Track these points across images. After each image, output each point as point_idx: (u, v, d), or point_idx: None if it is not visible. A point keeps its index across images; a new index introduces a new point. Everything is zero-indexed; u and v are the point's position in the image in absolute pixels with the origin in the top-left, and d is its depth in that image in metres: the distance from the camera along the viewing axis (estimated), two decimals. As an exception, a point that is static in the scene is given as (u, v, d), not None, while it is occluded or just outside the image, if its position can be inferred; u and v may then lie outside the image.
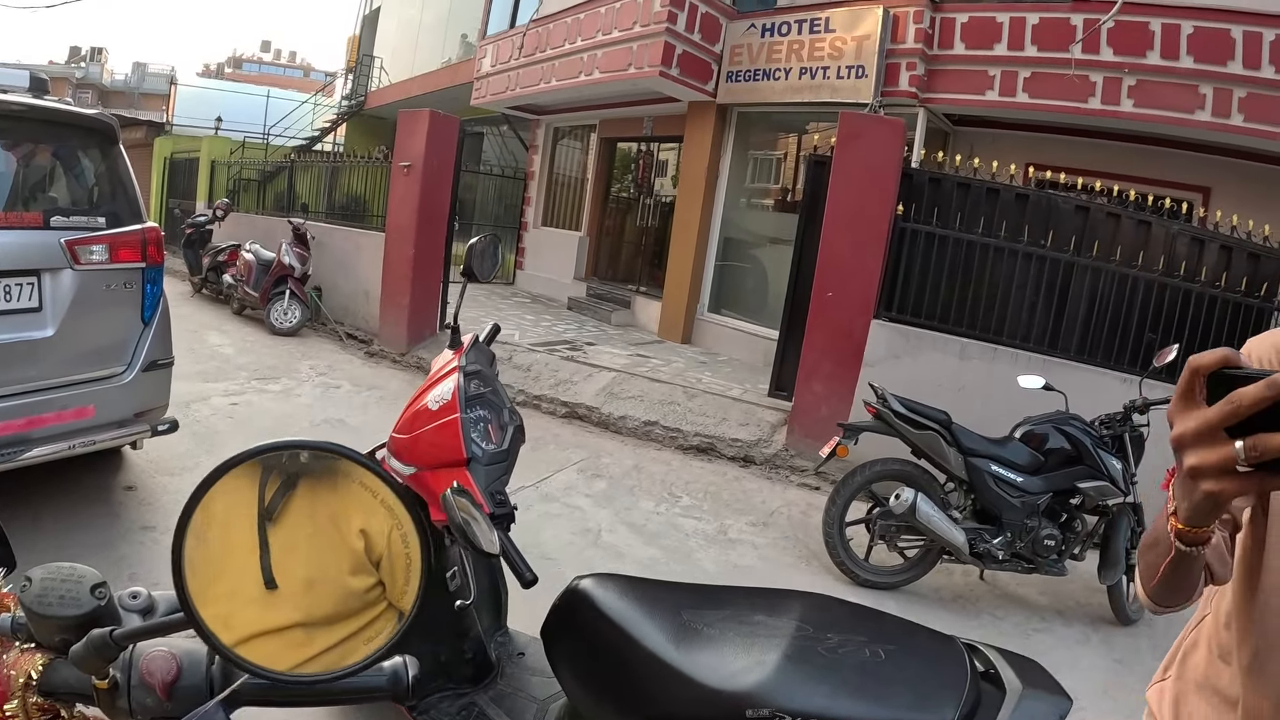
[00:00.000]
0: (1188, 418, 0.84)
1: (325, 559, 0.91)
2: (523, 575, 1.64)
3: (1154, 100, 7.88)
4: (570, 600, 1.64)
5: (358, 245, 10.48)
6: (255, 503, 0.90)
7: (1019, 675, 1.48)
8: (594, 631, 1.58)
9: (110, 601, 0.92)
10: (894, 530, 4.60)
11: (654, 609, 1.57)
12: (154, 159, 20.08)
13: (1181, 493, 0.93)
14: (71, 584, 0.89)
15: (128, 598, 0.98)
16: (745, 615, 1.57)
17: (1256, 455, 0.77)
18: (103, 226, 4.16)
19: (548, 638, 1.70)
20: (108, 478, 4.77)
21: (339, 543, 0.92)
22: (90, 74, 46.85)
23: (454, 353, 2.10)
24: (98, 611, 0.89)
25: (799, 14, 10.02)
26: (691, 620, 1.54)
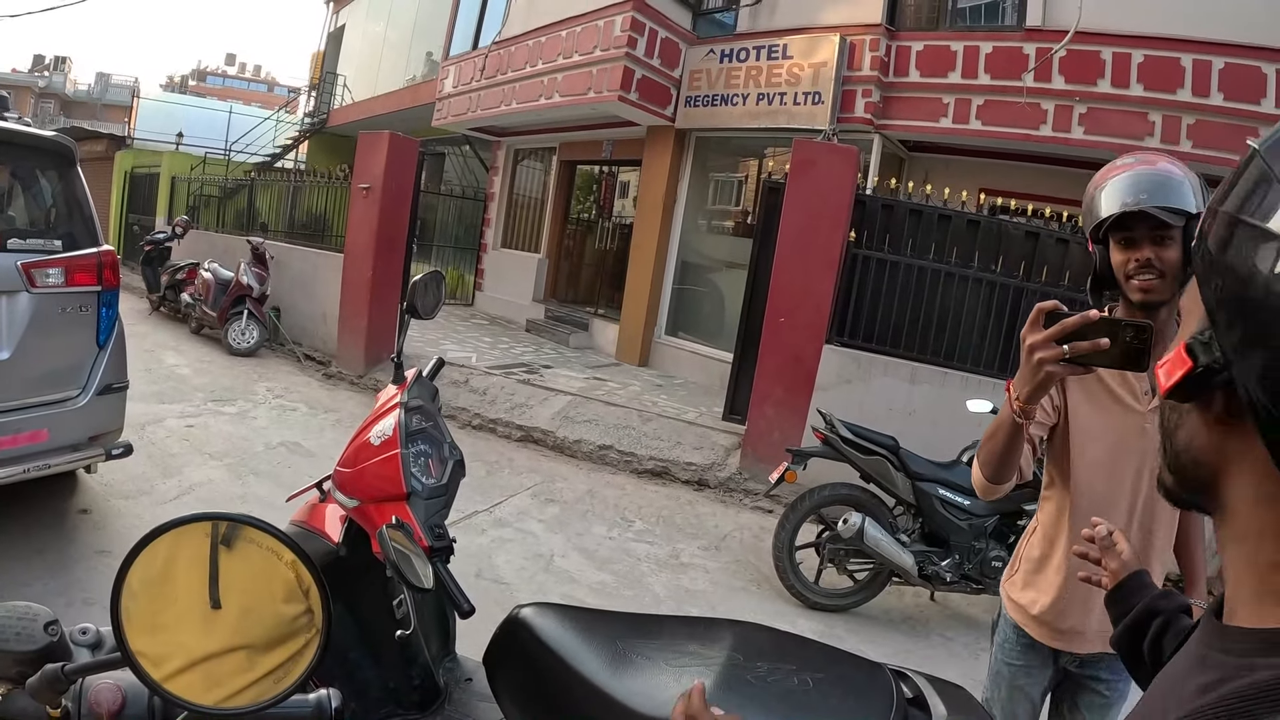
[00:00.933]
0: (1036, 335, 1.46)
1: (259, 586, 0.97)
2: (460, 606, 1.69)
3: (1104, 127, 8.06)
4: (511, 629, 1.68)
5: (316, 266, 10.44)
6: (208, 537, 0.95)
7: (945, 702, 1.52)
8: (533, 660, 1.62)
9: (62, 638, 0.98)
10: (843, 554, 4.68)
11: (591, 638, 1.62)
12: (114, 173, 19.82)
13: (1024, 381, 1.54)
14: (26, 621, 0.96)
15: (78, 633, 1.05)
16: (678, 644, 1.62)
17: (1072, 352, 1.40)
18: (59, 249, 4.17)
19: (490, 665, 1.74)
20: (62, 501, 4.74)
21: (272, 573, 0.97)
22: (54, 84, 46.34)
23: (397, 387, 2.15)
24: (50, 647, 0.95)
25: (758, 40, 10.15)
26: (626, 649, 1.58)
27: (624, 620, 1.78)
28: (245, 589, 0.96)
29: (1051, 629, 2.10)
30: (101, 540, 4.34)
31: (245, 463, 5.87)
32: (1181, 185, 1.82)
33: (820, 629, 4.46)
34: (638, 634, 1.67)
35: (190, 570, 0.95)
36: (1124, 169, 1.87)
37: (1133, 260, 1.86)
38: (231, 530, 0.96)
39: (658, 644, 1.62)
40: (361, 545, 1.93)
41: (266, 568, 0.97)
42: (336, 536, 2.03)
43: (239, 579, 0.96)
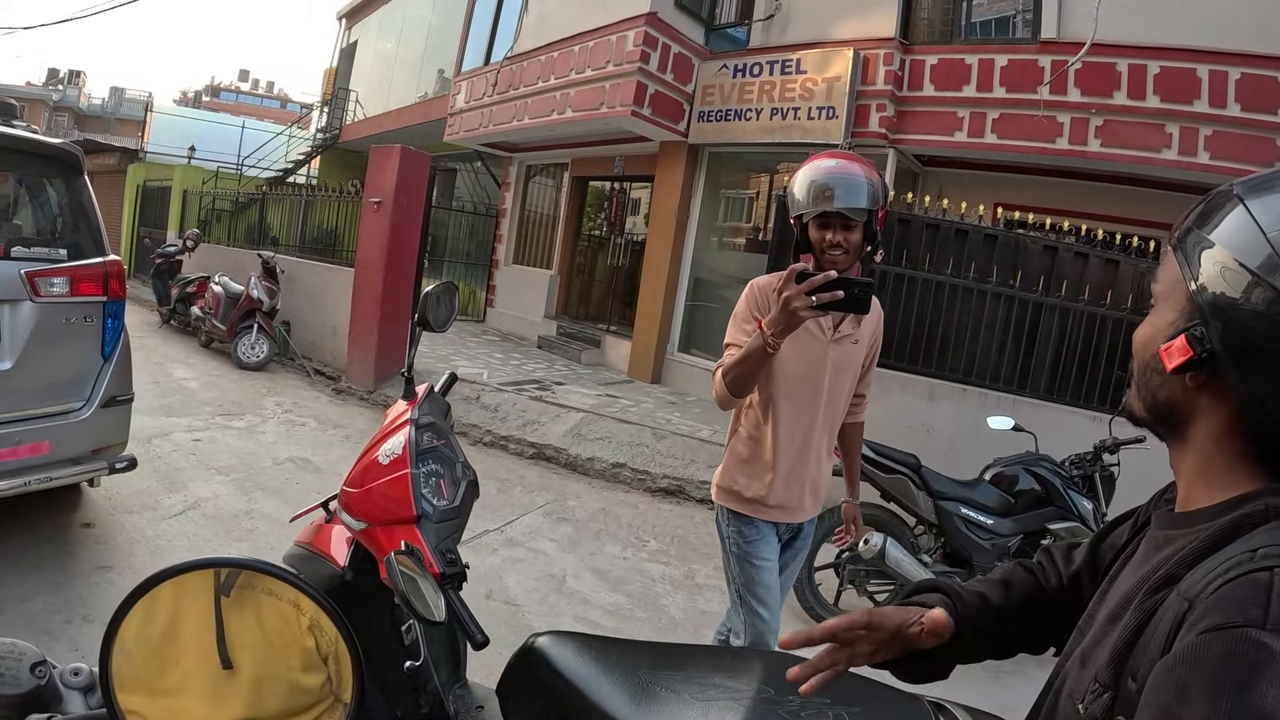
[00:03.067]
0: (791, 290, 1.99)
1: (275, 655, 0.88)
2: (473, 638, 1.59)
3: (1121, 140, 8.00)
4: (526, 658, 1.59)
5: (327, 281, 10.41)
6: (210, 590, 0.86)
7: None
8: (550, 691, 1.53)
9: (50, 680, 0.88)
10: (863, 575, 4.58)
11: (611, 669, 1.53)
12: (126, 186, 19.96)
13: (777, 321, 2.08)
14: (10, 661, 0.86)
15: (69, 674, 0.94)
16: (705, 676, 1.54)
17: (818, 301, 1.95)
18: (64, 258, 4.10)
19: (504, 696, 1.65)
20: (64, 515, 4.66)
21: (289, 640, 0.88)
22: (67, 97, 46.66)
23: (407, 404, 2.06)
24: (37, 691, 0.85)
25: (771, 55, 10.12)
26: (650, 681, 1.49)
27: (646, 650, 1.69)
28: (258, 650, 0.87)
29: (764, 505, 2.69)
30: (104, 556, 4.25)
31: (252, 478, 5.79)
32: (865, 186, 2.46)
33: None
34: (661, 665, 1.58)
35: (196, 626, 0.86)
36: (825, 170, 2.49)
37: (826, 240, 2.48)
38: (239, 577, 0.87)
39: (683, 675, 1.54)
40: (369, 569, 1.84)
41: (282, 626, 0.88)
42: (342, 560, 1.94)
43: (250, 636, 0.87)
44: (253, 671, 0.87)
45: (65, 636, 3.42)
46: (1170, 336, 0.89)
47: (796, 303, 1.99)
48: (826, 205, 2.44)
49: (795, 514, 2.75)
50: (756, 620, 2.76)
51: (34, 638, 3.30)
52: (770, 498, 2.68)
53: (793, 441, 2.65)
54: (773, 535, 2.77)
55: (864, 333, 2.70)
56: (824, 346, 2.61)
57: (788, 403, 2.63)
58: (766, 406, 2.66)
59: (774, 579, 2.78)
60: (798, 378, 2.61)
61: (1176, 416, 0.93)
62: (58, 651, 3.28)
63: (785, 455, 2.65)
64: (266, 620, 0.89)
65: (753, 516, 2.73)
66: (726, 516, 2.81)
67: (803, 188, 2.50)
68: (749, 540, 2.75)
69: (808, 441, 2.67)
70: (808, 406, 2.64)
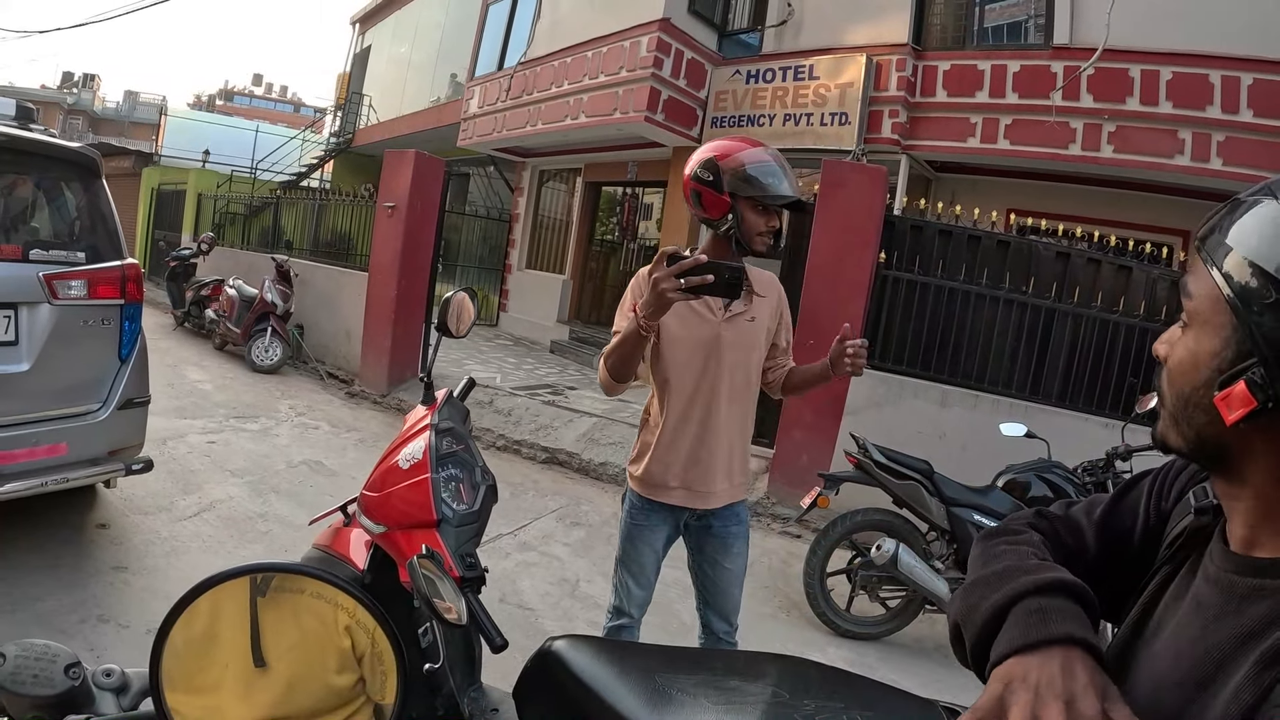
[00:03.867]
0: (660, 271, 2.04)
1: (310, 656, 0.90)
2: (492, 641, 1.61)
3: (1134, 145, 8.00)
4: (542, 662, 1.60)
5: (340, 284, 10.46)
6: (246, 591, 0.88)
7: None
8: (566, 695, 1.54)
9: (84, 681, 0.90)
10: (875, 581, 4.57)
11: (627, 673, 1.54)
12: (141, 189, 20.05)
13: (648, 303, 2.13)
14: (45, 663, 0.88)
15: (101, 675, 0.96)
16: (720, 680, 1.54)
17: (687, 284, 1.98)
18: (82, 261, 4.13)
19: (520, 699, 1.65)
20: (80, 516, 4.69)
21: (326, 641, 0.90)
22: (82, 101, 46.87)
23: (427, 409, 2.08)
24: (71, 692, 0.87)
25: (784, 61, 10.14)
26: (666, 685, 1.50)
27: (661, 654, 1.70)
28: (294, 650, 0.89)
29: (665, 487, 2.70)
30: (119, 556, 4.28)
31: (266, 480, 5.82)
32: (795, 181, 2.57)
33: (851, 657, 4.36)
34: (676, 668, 1.58)
35: (233, 625, 0.88)
36: (777, 159, 2.54)
37: (764, 225, 2.54)
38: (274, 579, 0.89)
39: (698, 679, 1.54)
40: (387, 572, 1.85)
41: (319, 628, 0.90)
42: (361, 563, 1.96)
43: (287, 636, 0.89)
44: (287, 670, 0.89)
45: (80, 636, 3.45)
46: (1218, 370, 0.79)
47: (665, 284, 2.02)
48: (792, 195, 2.51)
49: (703, 498, 2.72)
50: (623, 592, 2.86)
51: (49, 636, 3.34)
52: (669, 478, 2.69)
53: (689, 420, 2.66)
54: (665, 523, 2.78)
55: (762, 310, 2.72)
56: (715, 326, 2.62)
57: (681, 383, 2.65)
58: (663, 388, 2.69)
59: (651, 562, 2.82)
60: (688, 359, 2.63)
61: (1228, 456, 0.82)
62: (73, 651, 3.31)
63: (682, 435, 2.66)
64: (304, 621, 0.91)
65: (651, 498, 2.75)
66: (628, 494, 2.85)
67: (759, 171, 2.51)
68: (635, 521, 2.79)
69: (709, 422, 2.66)
70: (704, 386, 2.64)
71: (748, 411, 2.78)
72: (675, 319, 2.56)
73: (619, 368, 2.44)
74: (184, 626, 0.86)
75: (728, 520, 2.81)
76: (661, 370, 2.68)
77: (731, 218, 2.53)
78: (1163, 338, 0.91)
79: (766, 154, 2.54)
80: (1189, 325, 0.85)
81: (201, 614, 0.86)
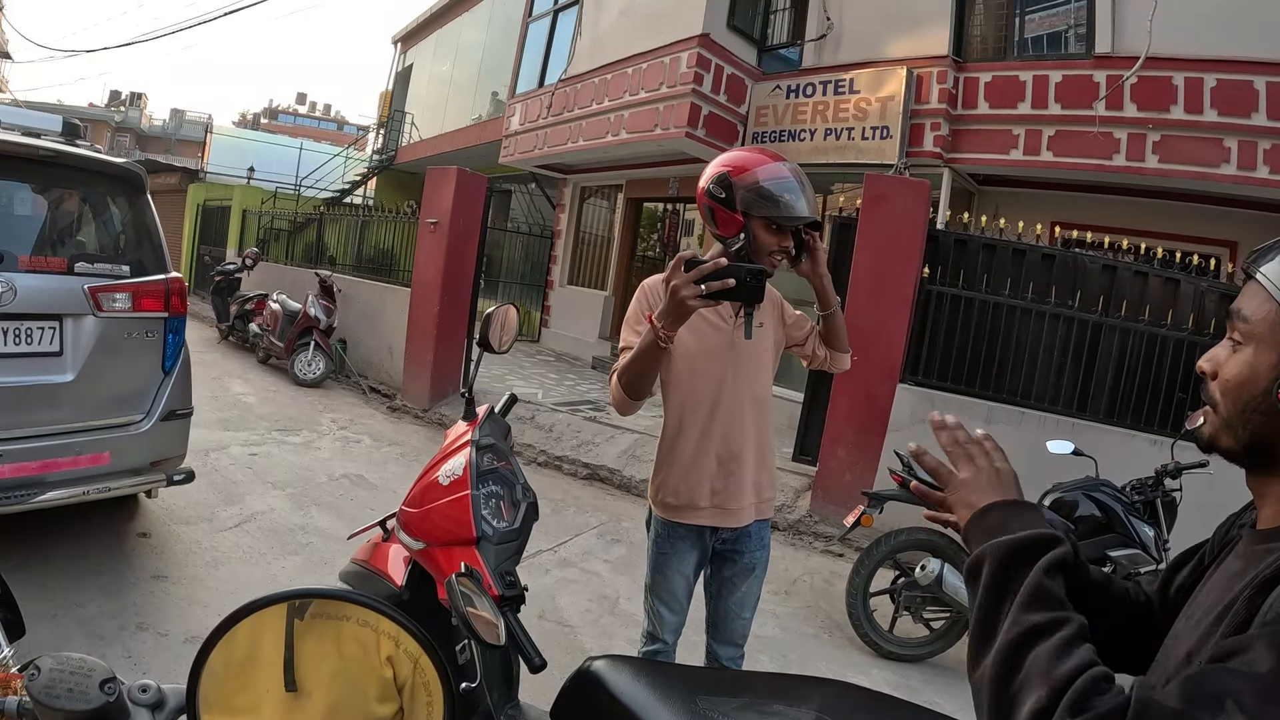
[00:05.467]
0: (679, 279, 1.91)
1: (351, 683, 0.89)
2: (531, 661, 1.59)
3: (1179, 155, 7.87)
4: (582, 682, 1.58)
5: (383, 300, 10.53)
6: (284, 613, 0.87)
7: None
8: (605, 715, 1.51)
9: (120, 697, 0.89)
10: (919, 601, 4.50)
11: (668, 695, 1.51)
12: (187, 205, 20.40)
13: (667, 312, 1.99)
14: (80, 677, 0.87)
15: (137, 691, 0.95)
16: (763, 704, 1.51)
17: (708, 290, 1.87)
18: (127, 274, 4.21)
19: (558, 718, 1.63)
20: (122, 524, 4.76)
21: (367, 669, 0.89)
22: (129, 119, 47.84)
23: (468, 425, 2.07)
24: (106, 708, 0.86)
25: (824, 75, 10.09)
26: (707, 708, 1.47)
27: (702, 675, 1.68)
28: (335, 676, 0.88)
29: (693, 509, 2.57)
30: (159, 565, 4.32)
31: (307, 493, 5.85)
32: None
33: (894, 679, 4.28)
34: (718, 691, 1.56)
35: (273, 651, 0.87)
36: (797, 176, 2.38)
37: (776, 245, 2.40)
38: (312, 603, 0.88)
39: (739, 702, 1.51)
40: (425, 588, 1.84)
41: (360, 655, 0.89)
42: (400, 579, 1.95)
43: (328, 663, 0.88)
44: (327, 697, 0.88)
45: (119, 643, 3.48)
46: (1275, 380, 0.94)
47: (685, 291, 1.91)
48: (808, 215, 2.37)
49: (734, 515, 2.60)
50: (655, 619, 2.76)
51: (88, 642, 3.38)
52: (697, 498, 2.56)
53: (711, 435, 2.53)
54: (694, 548, 2.66)
55: (766, 314, 2.60)
56: (728, 335, 2.51)
57: (699, 397, 2.53)
58: (680, 405, 2.56)
59: (683, 588, 2.70)
60: (703, 371, 2.52)
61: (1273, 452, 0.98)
62: (111, 658, 3.32)
63: (705, 452, 2.54)
64: (346, 648, 0.89)
65: (679, 521, 2.62)
66: (652, 518, 2.74)
67: (776, 187, 2.36)
68: (663, 550, 2.68)
69: (732, 436, 2.54)
70: (725, 398, 2.52)
71: (766, 421, 2.66)
72: (687, 330, 2.36)
73: (636, 384, 2.30)
74: (224, 649, 0.84)
75: (753, 544, 2.70)
76: (676, 385, 2.56)
77: (743, 237, 2.40)
78: (1207, 356, 1.06)
79: (785, 169, 2.39)
80: (1244, 344, 0.99)
81: (242, 637, 0.85)
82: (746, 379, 2.54)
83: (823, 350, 2.71)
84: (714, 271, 1.88)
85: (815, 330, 2.73)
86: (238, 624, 0.85)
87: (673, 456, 2.60)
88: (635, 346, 2.25)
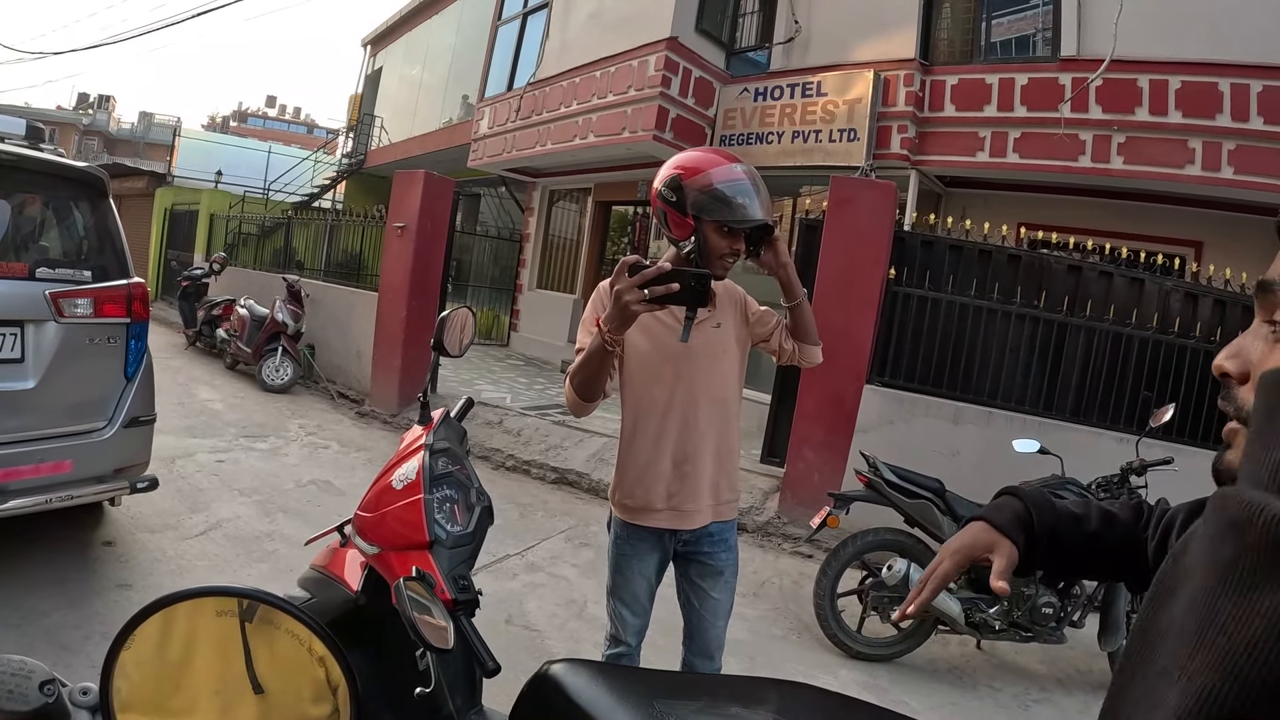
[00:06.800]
0: (623, 283, 1.90)
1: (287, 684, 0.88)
2: (484, 664, 1.58)
3: (1144, 157, 7.96)
4: (539, 686, 1.57)
5: (351, 304, 10.46)
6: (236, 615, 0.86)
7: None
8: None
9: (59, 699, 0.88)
10: (887, 601, 4.51)
11: (626, 698, 1.50)
12: (155, 209, 20.19)
13: (611, 316, 1.99)
14: (20, 679, 0.86)
15: (78, 693, 0.94)
16: (720, 707, 1.50)
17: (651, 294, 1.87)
18: (89, 280, 4.16)
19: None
20: (86, 533, 4.71)
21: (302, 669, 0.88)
22: (97, 121, 47.34)
23: (423, 428, 2.06)
24: (46, 709, 0.85)
25: (791, 78, 10.14)
26: (664, 711, 1.46)
27: (661, 679, 1.66)
28: (273, 678, 0.87)
29: (648, 511, 2.54)
30: (124, 574, 4.27)
31: (274, 500, 5.81)
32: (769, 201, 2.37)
33: (863, 679, 4.30)
34: (676, 694, 1.55)
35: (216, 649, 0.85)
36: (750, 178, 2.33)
37: (732, 248, 2.36)
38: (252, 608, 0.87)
39: (697, 705, 1.50)
40: (382, 593, 1.83)
41: (294, 655, 0.88)
42: (356, 584, 1.93)
43: (263, 664, 0.87)
44: (265, 698, 0.87)
45: (84, 652, 3.44)
46: None
47: (628, 296, 1.91)
48: (759, 218, 2.31)
49: (689, 518, 2.56)
50: (618, 621, 2.72)
51: (53, 652, 3.34)
52: (653, 499, 2.53)
53: (666, 437, 2.51)
54: (654, 550, 2.62)
55: (725, 313, 2.56)
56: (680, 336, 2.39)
57: (652, 399, 2.51)
58: (634, 408, 2.55)
59: (644, 590, 2.66)
60: (656, 373, 2.49)
61: None
62: (76, 667, 3.30)
63: (660, 453, 2.51)
64: (280, 649, 0.88)
65: (636, 523, 2.59)
66: (612, 519, 2.70)
67: (727, 189, 2.31)
68: (622, 551, 2.64)
69: (687, 438, 2.51)
70: (678, 399, 2.49)
71: (727, 423, 2.59)
72: (639, 332, 2.42)
73: (586, 386, 2.29)
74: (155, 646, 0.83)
75: (717, 546, 2.65)
76: (631, 387, 2.55)
77: (694, 241, 2.36)
78: (1229, 352, 0.85)
79: (738, 170, 2.34)
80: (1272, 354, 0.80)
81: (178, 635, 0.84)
82: (702, 381, 2.51)
83: (790, 344, 2.64)
84: (658, 276, 1.88)
85: (782, 325, 2.66)
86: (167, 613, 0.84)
87: (629, 458, 2.58)
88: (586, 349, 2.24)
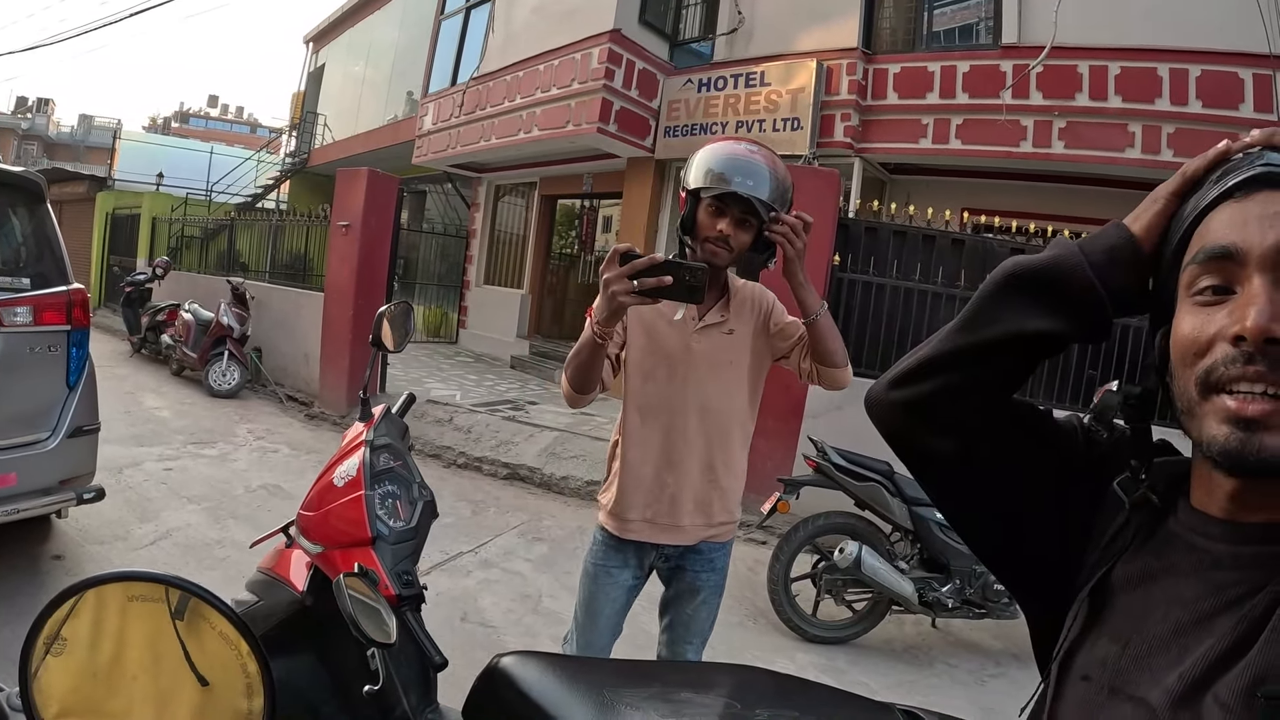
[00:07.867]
0: (612, 272, 1.80)
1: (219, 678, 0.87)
2: (431, 659, 1.58)
3: (1084, 141, 8.08)
4: (490, 679, 1.57)
5: (297, 305, 10.34)
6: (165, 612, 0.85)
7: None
8: (514, 712, 1.51)
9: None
10: (840, 584, 4.56)
11: (576, 688, 1.51)
12: (96, 214, 19.81)
13: (602, 308, 1.89)
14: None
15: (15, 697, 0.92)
16: (671, 693, 1.52)
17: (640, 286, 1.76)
18: (27, 287, 4.08)
19: (469, 718, 1.62)
20: (34, 546, 4.61)
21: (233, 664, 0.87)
22: (36, 125, 46.51)
23: (364, 425, 2.05)
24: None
25: (735, 69, 10.18)
26: (614, 699, 1.47)
27: (612, 668, 1.68)
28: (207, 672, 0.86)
29: (623, 520, 2.39)
30: (74, 589, 4.19)
31: (224, 506, 5.73)
32: (770, 179, 2.20)
33: (820, 662, 4.34)
34: (627, 682, 1.56)
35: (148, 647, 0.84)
36: (735, 153, 2.20)
37: (715, 229, 2.19)
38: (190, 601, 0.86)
39: (648, 692, 1.52)
40: (328, 593, 1.81)
41: (225, 650, 0.87)
42: (301, 584, 1.92)
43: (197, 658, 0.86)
44: (197, 694, 0.86)
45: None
46: None
47: (616, 286, 1.79)
48: (723, 186, 2.15)
49: (669, 533, 2.40)
50: (580, 634, 2.57)
51: (6, 667, 3.27)
52: (630, 508, 2.38)
53: (650, 445, 2.35)
54: (627, 565, 2.47)
55: (741, 319, 2.39)
56: (684, 337, 2.31)
57: (644, 399, 2.36)
58: (628, 405, 2.40)
59: (611, 608, 2.50)
60: (650, 372, 2.34)
61: None
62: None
63: (645, 458, 2.36)
64: (209, 644, 0.87)
65: (615, 534, 2.43)
66: (596, 529, 2.54)
67: (705, 163, 2.22)
68: (595, 560, 2.49)
69: (676, 447, 2.34)
70: (671, 407, 2.33)
71: (725, 436, 2.40)
72: (642, 327, 2.31)
73: (577, 378, 2.17)
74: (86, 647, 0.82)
75: (699, 565, 2.49)
76: (628, 382, 2.40)
77: (687, 210, 2.25)
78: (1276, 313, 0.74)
79: (740, 148, 2.22)
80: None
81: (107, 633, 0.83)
82: (698, 386, 2.33)
83: (808, 363, 2.40)
84: (649, 267, 1.76)
85: (803, 341, 2.40)
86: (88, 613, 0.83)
87: (616, 460, 2.46)
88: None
